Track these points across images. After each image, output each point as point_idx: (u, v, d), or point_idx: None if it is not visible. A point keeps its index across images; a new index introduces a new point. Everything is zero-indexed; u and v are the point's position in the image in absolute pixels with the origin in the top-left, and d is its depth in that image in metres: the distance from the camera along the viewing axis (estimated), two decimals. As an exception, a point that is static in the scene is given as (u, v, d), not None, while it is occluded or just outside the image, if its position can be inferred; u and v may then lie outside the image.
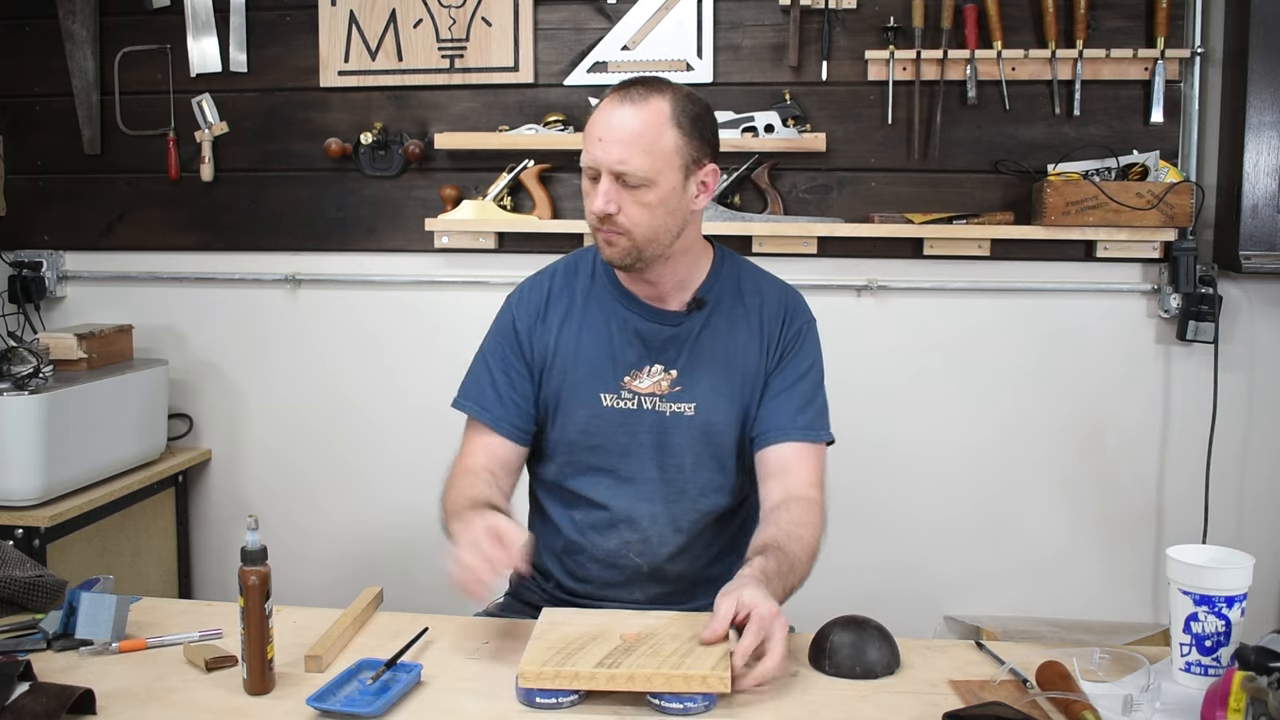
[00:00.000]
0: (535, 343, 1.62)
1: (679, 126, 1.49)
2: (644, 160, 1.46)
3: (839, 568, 2.56)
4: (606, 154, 1.47)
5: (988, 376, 2.61)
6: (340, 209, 2.75)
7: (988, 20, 2.46)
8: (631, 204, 1.48)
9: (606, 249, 1.52)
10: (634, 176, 1.46)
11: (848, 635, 1.34)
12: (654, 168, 1.47)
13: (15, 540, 2.19)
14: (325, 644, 1.36)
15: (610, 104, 1.49)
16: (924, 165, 2.56)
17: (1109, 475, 2.60)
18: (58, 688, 1.20)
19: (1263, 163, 2.37)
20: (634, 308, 1.60)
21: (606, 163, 1.47)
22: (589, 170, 1.50)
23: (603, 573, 1.60)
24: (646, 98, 1.48)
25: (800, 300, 1.67)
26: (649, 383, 1.58)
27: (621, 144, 1.46)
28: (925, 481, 2.64)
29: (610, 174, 1.47)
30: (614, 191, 1.47)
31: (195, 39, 2.73)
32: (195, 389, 2.85)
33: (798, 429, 1.57)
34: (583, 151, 1.50)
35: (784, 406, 1.59)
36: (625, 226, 1.48)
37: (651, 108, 1.48)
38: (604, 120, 1.48)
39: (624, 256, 1.52)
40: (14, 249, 2.84)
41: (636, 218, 1.48)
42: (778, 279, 1.69)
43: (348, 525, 2.81)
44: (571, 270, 1.67)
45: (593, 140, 1.48)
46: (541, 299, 1.64)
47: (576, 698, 1.23)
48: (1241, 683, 1.10)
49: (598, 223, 1.50)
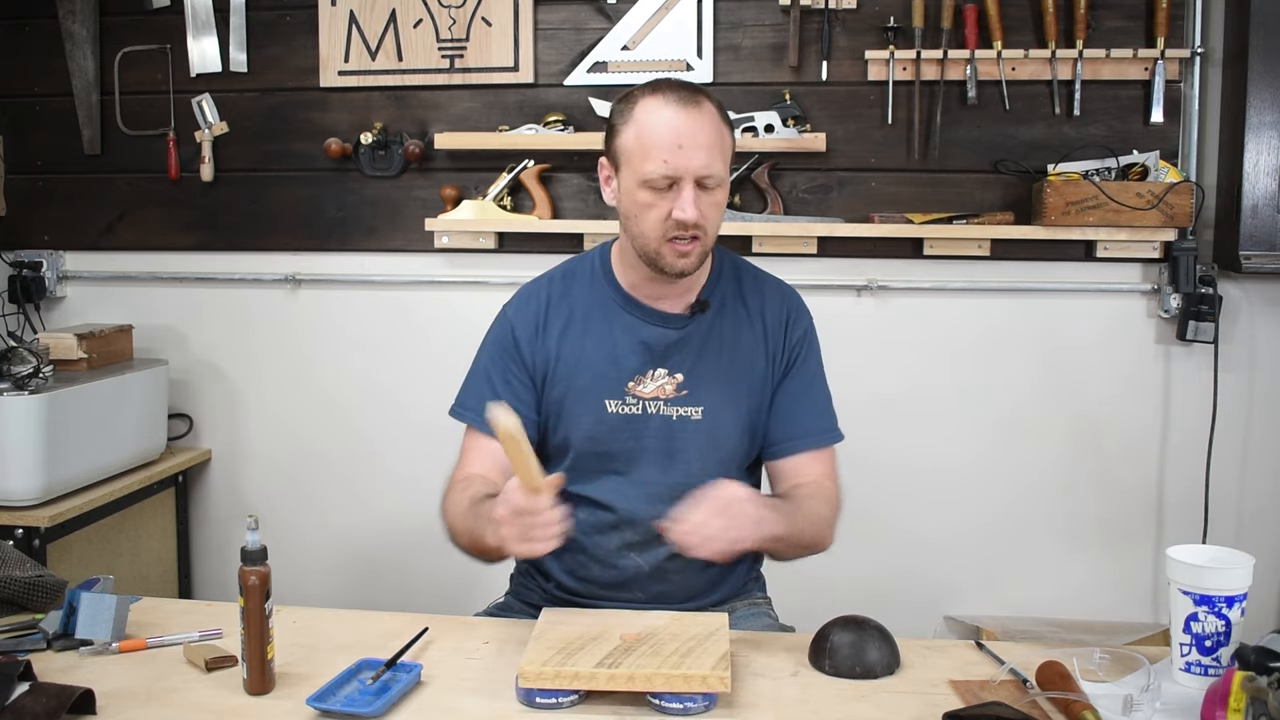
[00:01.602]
0: (536, 352, 1.61)
1: (727, 125, 1.52)
2: (721, 160, 1.48)
3: (840, 567, 2.58)
4: (692, 160, 1.45)
5: (987, 376, 2.61)
6: (340, 209, 2.75)
7: (988, 20, 2.46)
8: (709, 206, 1.48)
9: (680, 260, 1.50)
10: (715, 178, 1.47)
11: (848, 635, 1.34)
12: (725, 167, 1.49)
13: (15, 540, 2.19)
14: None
15: (670, 110, 1.46)
16: (924, 165, 2.56)
17: (1109, 475, 2.60)
18: (58, 688, 1.20)
19: (1263, 163, 2.37)
20: (637, 312, 1.60)
21: (693, 169, 1.45)
22: (659, 181, 1.46)
23: (603, 573, 1.60)
24: (698, 100, 1.48)
25: (799, 301, 1.68)
26: (653, 387, 1.57)
27: (704, 148, 1.45)
28: (925, 481, 2.64)
29: (693, 180, 1.46)
30: (698, 197, 1.46)
31: (195, 39, 2.73)
32: (195, 389, 2.85)
33: (815, 434, 1.61)
34: (645, 164, 1.46)
35: (801, 414, 1.60)
36: (703, 229, 1.49)
37: (708, 109, 1.48)
38: (674, 127, 1.45)
39: (697, 262, 1.52)
40: (14, 249, 2.84)
41: (712, 219, 1.50)
42: (775, 278, 1.69)
43: (348, 525, 2.81)
44: (569, 277, 1.66)
45: (669, 150, 1.45)
46: (540, 308, 1.63)
47: (576, 698, 1.23)
48: (1241, 683, 1.10)
49: (676, 231, 1.48)
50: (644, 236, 1.50)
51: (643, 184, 1.47)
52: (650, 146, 1.46)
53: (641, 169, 1.47)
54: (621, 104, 1.53)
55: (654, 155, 1.45)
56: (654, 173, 1.46)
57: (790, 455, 1.60)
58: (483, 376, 1.63)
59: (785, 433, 1.60)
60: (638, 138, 1.48)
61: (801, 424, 1.60)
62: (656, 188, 1.47)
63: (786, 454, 1.60)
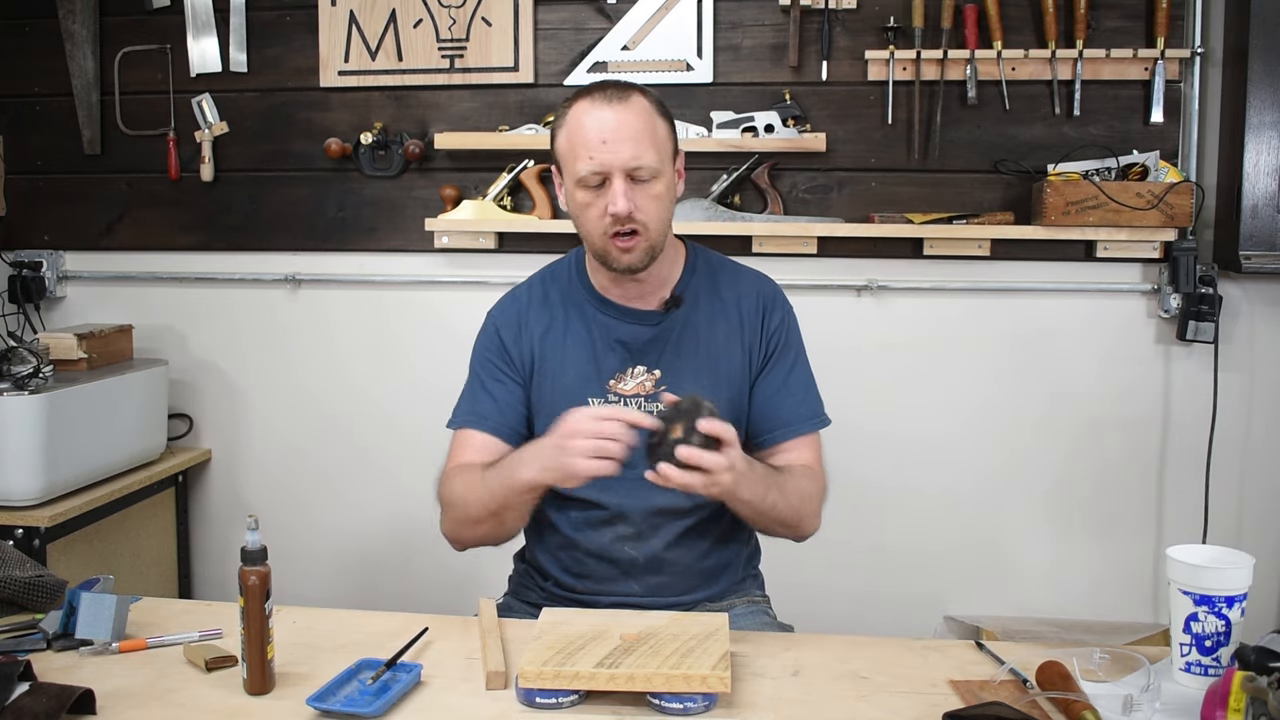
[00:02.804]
0: (521, 350, 1.63)
1: (663, 116, 1.54)
2: (652, 152, 1.49)
3: (840, 567, 2.59)
4: (616, 154, 1.47)
5: (988, 377, 2.61)
6: (340, 209, 2.75)
7: (988, 20, 2.46)
8: (645, 199, 1.49)
9: (625, 255, 1.52)
10: (647, 169, 1.48)
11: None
12: (659, 158, 1.50)
13: (15, 540, 2.19)
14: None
15: (594, 109, 1.49)
16: (924, 165, 2.56)
17: (1109, 475, 2.60)
18: (58, 688, 1.20)
19: (1263, 163, 2.37)
20: (611, 312, 1.61)
21: (618, 163, 1.47)
22: (591, 179, 1.49)
23: (599, 567, 1.61)
24: (626, 95, 1.50)
25: (775, 289, 1.68)
26: (633, 384, 1.59)
27: (629, 141, 1.47)
28: (925, 482, 2.64)
29: (623, 174, 1.47)
30: (629, 190, 1.48)
31: (195, 39, 2.73)
32: (195, 389, 2.85)
33: (798, 421, 1.61)
34: (576, 164, 1.49)
35: (784, 403, 1.61)
36: (642, 223, 1.50)
37: (636, 103, 1.50)
38: (598, 124, 1.48)
39: (643, 257, 1.53)
40: (14, 249, 2.84)
41: (651, 212, 1.50)
42: (753, 270, 1.70)
43: (348, 525, 2.81)
44: (549, 279, 1.68)
45: (593, 146, 1.48)
46: (521, 309, 1.65)
47: (576, 698, 1.23)
48: (1241, 683, 1.10)
49: (614, 227, 1.49)
50: (590, 236, 1.54)
51: (577, 184, 1.51)
52: (578, 146, 1.49)
53: (574, 169, 1.50)
54: (559, 110, 1.56)
55: (581, 154, 1.49)
56: (583, 170, 1.49)
57: (776, 444, 1.61)
58: (475, 383, 1.65)
59: (770, 422, 1.61)
60: (568, 139, 1.51)
61: (785, 412, 1.61)
62: (589, 185, 1.50)
63: (773, 443, 1.61)
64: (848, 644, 1.43)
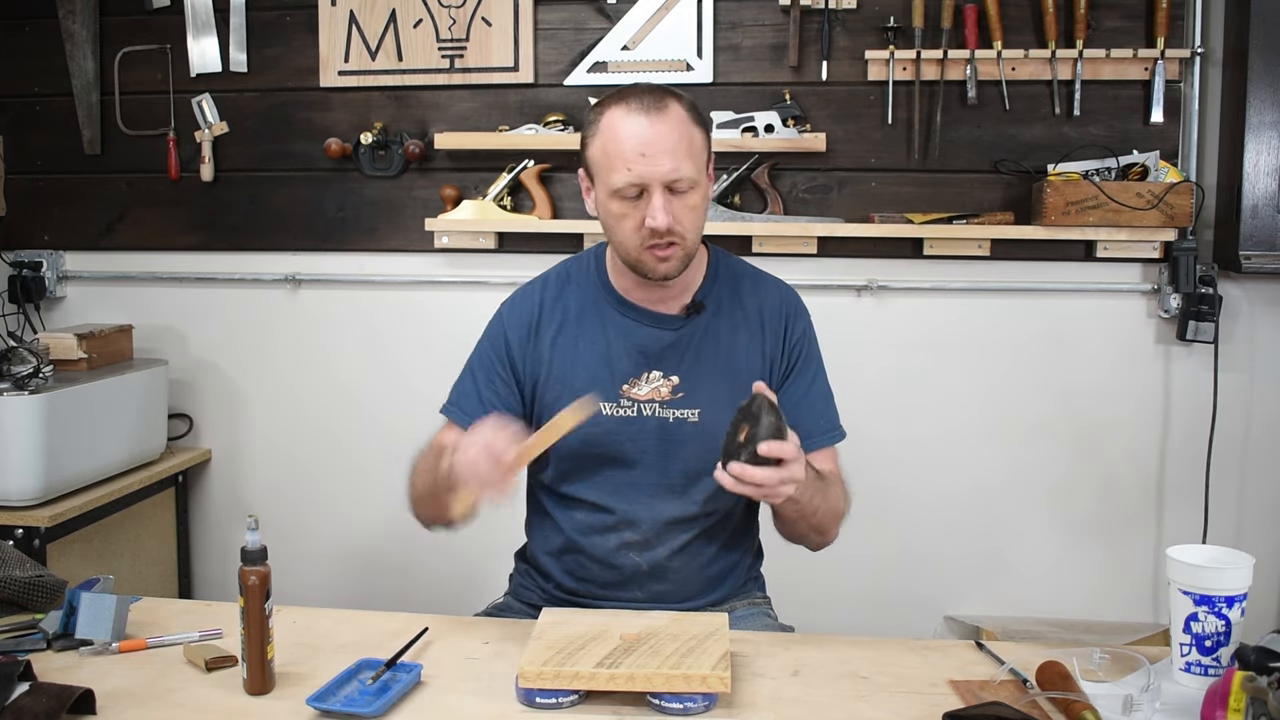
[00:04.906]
0: (528, 355, 1.61)
1: (698, 123, 1.51)
2: (690, 164, 1.47)
3: (840, 567, 2.58)
4: (657, 167, 1.45)
5: (987, 377, 2.61)
6: (340, 209, 2.75)
7: (988, 20, 2.46)
8: (683, 210, 1.48)
9: (662, 265, 1.50)
10: (686, 181, 1.46)
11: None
12: (696, 168, 1.48)
13: (15, 540, 2.19)
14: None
15: (630, 118, 1.46)
16: (924, 165, 2.56)
17: (1109, 475, 2.60)
18: (58, 688, 1.20)
19: (1263, 163, 2.37)
20: (631, 315, 1.60)
21: (659, 176, 1.45)
22: (628, 190, 1.46)
23: (602, 573, 1.60)
24: (664, 104, 1.47)
25: (797, 299, 1.67)
26: (647, 389, 1.57)
27: (669, 153, 1.45)
28: (925, 482, 2.64)
29: (661, 187, 1.45)
30: (667, 203, 1.46)
31: (195, 39, 2.73)
32: (195, 389, 2.85)
33: (819, 434, 1.60)
34: (612, 175, 1.47)
35: (805, 415, 1.59)
36: (680, 234, 1.48)
37: (674, 112, 1.47)
38: (636, 136, 1.45)
39: (679, 266, 1.52)
40: (14, 249, 2.84)
41: (688, 223, 1.49)
42: (774, 278, 1.69)
43: (348, 525, 2.81)
44: (564, 279, 1.66)
45: (633, 159, 1.45)
46: (534, 310, 1.63)
47: (576, 698, 1.23)
48: (1241, 683, 1.10)
49: (653, 239, 1.48)
50: (623, 245, 1.51)
51: (613, 195, 1.48)
52: (615, 157, 1.46)
53: (610, 180, 1.47)
54: (591, 115, 1.54)
55: (619, 166, 1.46)
56: (620, 183, 1.46)
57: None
58: (469, 374, 1.65)
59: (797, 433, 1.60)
60: (604, 149, 1.49)
61: (807, 424, 1.59)
62: (626, 197, 1.47)
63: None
64: (848, 644, 1.43)
